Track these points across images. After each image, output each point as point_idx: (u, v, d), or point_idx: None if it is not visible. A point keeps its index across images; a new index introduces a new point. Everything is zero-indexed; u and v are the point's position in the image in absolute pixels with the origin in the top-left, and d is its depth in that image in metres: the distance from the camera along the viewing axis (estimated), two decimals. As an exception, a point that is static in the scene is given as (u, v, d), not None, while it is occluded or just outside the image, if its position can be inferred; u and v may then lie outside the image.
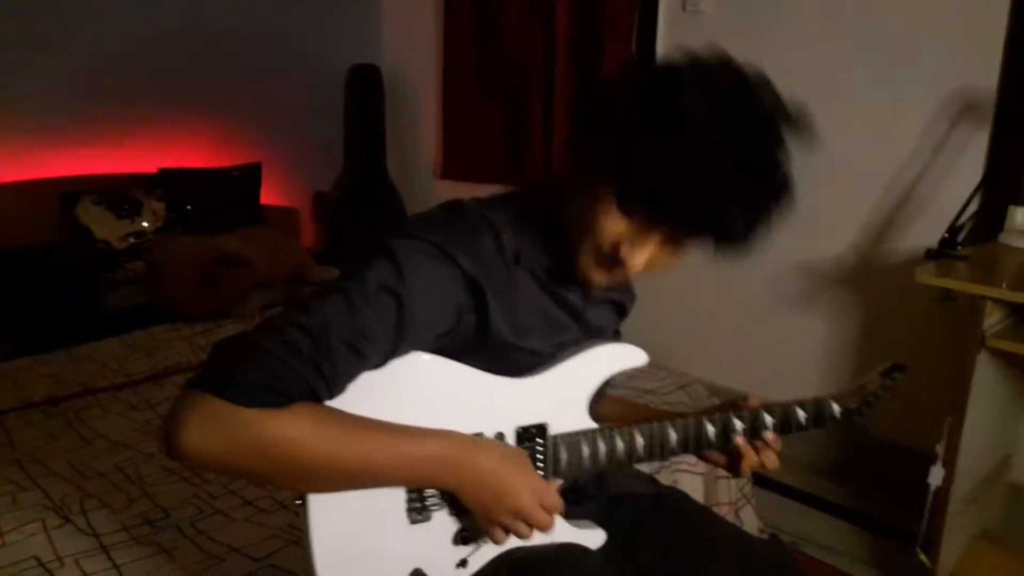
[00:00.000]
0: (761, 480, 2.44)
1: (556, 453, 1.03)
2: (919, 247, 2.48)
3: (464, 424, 0.97)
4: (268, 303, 2.89)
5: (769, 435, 1.11)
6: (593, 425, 1.06)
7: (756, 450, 1.12)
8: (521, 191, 1.08)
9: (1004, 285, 1.76)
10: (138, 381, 2.30)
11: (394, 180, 4.02)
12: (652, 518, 1.19)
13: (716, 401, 2.26)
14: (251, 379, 0.82)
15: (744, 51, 0.93)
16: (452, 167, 3.89)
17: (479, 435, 0.99)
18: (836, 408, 1.15)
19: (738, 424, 1.10)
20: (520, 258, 1.01)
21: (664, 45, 3.08)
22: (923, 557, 1.93)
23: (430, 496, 0.99)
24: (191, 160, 3.43)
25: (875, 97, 2.54)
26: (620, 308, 1.22)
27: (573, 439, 1.04)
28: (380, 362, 0.92)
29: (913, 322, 2.43)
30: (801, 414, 1.13)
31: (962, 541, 2.01)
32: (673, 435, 1.08)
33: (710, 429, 1.09)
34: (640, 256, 0.93)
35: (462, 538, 1.01)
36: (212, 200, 3.31)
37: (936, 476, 1.90)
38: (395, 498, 0.97)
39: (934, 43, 2.40)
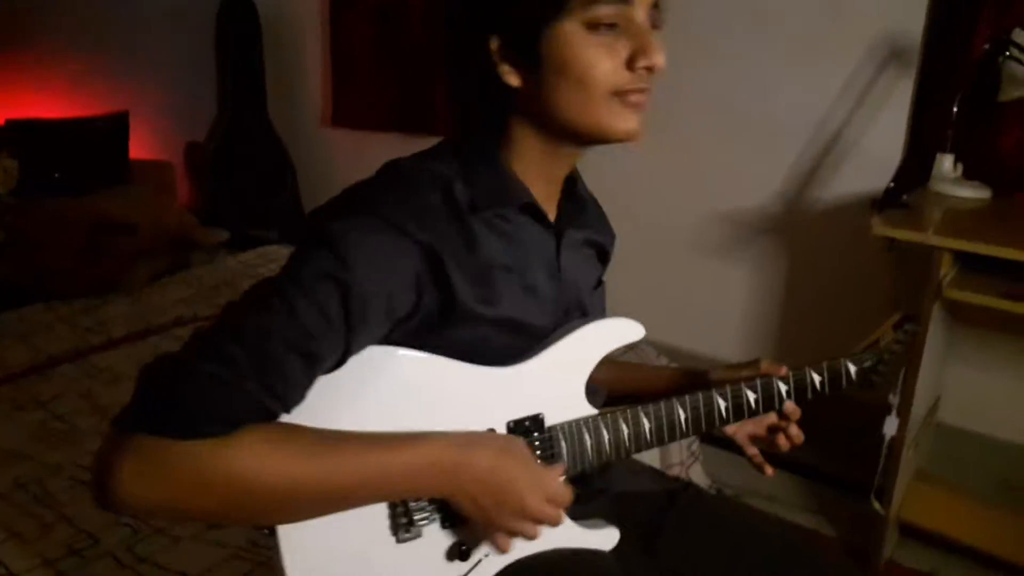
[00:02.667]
0: (706, 437, 2.42)
1: (555, 446, 0.92)
2: (844, 194, 2.51)
3: (448, 425, 0.85)
4: (155, 272, 2.58)
5: (788, 406, 1.06)
6: (593, 411, 0.95)
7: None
8: (463, 135, 0.95)
9: (933, 232, 1.77)
10: (18, 374, 1.98)
11: (277, 128, 3.70)
12: (671, 516, 1.11)
13: (665, 360, 2.20)
14: (188, 408, 0.70)
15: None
16: (343, 114, 3.58)
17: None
18: (852, 368, 1.09)
19: (750, 395, 1.02)
20: (477, 207, 0.87)
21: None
22: (877, 505, 1.96)
23: (417, 509, 0.85)
24: (44, 109, 2.99)
25: (801, 43, 2.50)
26: (601, 252, 1.11)
27: (573, 428, 0.93)
28: (337, 361, 0.79)
29: (839, 268, 2.45)
30: (816, 378, 1.06)
31: (904, 484, 2.06)
32: (681, 413, 0.98)
33: (721, 403, 1.00)
34: (654, 50, 0.84)
35: (459, 553, 0.88)
36: (74, 155, 2.90)
37: (891, 426, 1.91)
38: (377, 515, 0.84)
39: (861, -13, 2.37)
